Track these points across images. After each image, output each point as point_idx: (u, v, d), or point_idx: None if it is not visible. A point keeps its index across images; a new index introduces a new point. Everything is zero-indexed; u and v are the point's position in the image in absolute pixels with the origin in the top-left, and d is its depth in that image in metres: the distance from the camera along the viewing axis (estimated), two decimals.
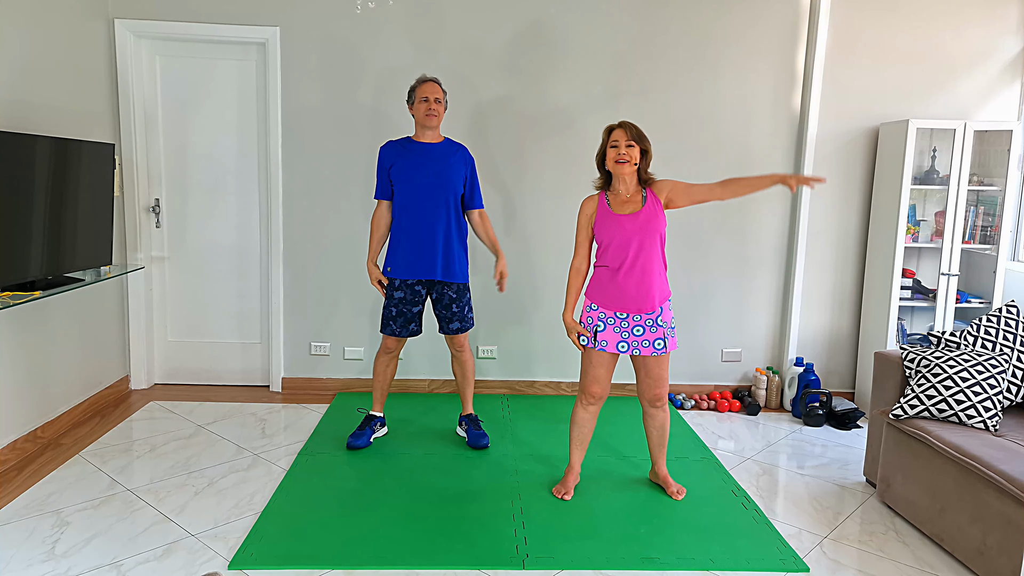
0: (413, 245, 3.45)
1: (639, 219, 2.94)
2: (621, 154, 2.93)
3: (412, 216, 3.43)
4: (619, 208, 2.99)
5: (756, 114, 4.35)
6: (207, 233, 4.38)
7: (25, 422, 3.44)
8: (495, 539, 2.78)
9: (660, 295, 3.00)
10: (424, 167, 3.42)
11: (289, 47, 4.18)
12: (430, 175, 3.42)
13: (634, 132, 2.96)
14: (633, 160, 2.94)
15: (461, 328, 3.59)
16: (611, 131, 3.00)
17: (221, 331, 4.47)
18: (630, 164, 2.94)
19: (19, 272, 3.05)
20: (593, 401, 3.12)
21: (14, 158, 2.97)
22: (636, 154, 2.95)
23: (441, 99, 3.45)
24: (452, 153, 3.48)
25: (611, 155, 2.96)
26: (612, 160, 2.96)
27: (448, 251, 3.47)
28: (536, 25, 4.23)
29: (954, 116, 4.37)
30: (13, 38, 3.28)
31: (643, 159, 2.99)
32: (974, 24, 4.32)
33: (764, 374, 4.45)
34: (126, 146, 4.18)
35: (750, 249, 4.47)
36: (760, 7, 4.28)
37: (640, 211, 2.95)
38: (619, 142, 2.95)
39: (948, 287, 4.14)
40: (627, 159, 2.93)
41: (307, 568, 2.56)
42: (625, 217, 2.95)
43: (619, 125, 2.99)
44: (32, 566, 2.52)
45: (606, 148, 2.99)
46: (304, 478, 3.25)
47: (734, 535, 2.87)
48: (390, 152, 3.48)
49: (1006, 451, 2.68)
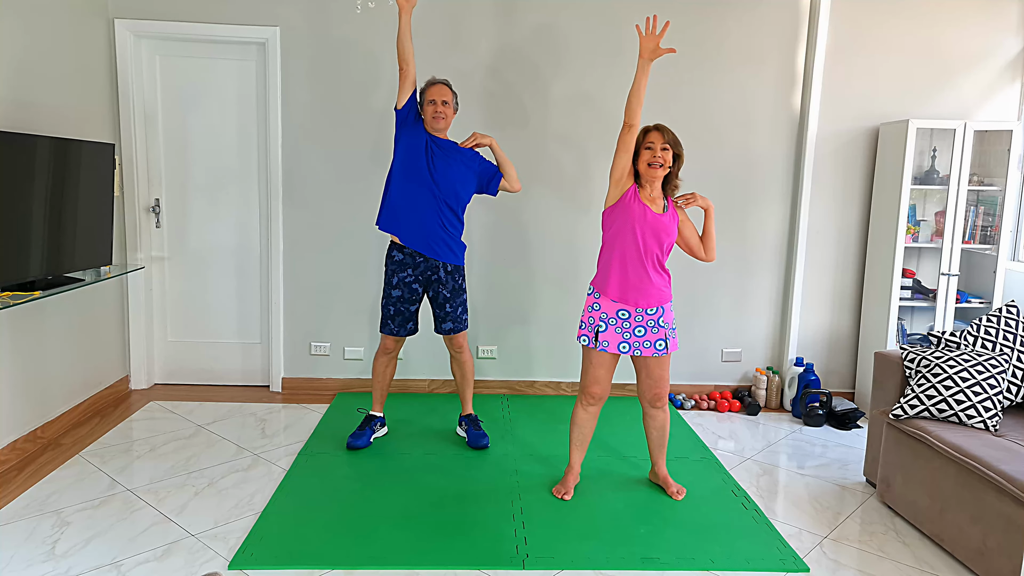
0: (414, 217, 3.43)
1: (662, 219, 2.95)
2: (656, 157, 2.92)
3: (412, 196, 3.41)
4: (647, 202, 2.98)
5: (756, 114, 4.35)
6: (207, 233, 4.38)
7: (25, 422, 3.44)
8: (495, 539, 2.78)
9: (663, 294, 3.00)
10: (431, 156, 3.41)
11: (289, 47, 4.18)
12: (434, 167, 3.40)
13: (670, 136, 2.94)
14: (667, 164, 2.94)
15: (454, 329, 3.59)
16: (647, 132, 2.97)
17: (221, 331, 4.47)
18: (663, 167, 2.93)
19: (19, 272, 3.05)
20: (593, 401, 3.12)
21: (14, 158, 2.97)
22: (670, 158, 2.94)
23: (449, 101, 3.44)
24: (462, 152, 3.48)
25: (645, 156, 2.94)
26: (645, 162, 2.93)
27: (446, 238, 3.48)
28: (538, 27, 4.23)
29: (954, 116, 4.38)
30: (13, 38, 3.28)
31: (675, 163, 2.98)
32: (974, 24, 4.32)
33: (764, 374, 4.45)
34: (126, 146, 4.18)
35: (750, 249, 4.47)
36: (760, 7, 4.28)
37: (664, 214, 2.97)
38: (654, 144, 2.93)
39: (948, 287, 4.14)
40: (661, 162, 2.92)
41: (307, 568, 2.56)
42: (650, 211, 2.95)
43: (655, 128, 2.96)
44: (32, 566, 2.52)
45: (640, 148, 2.96)
46: (304, 478, 3.25)
47: (734, 535, 2.87)
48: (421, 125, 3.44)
49: (1006, 451, 2.68)
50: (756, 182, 4.41)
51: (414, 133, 3.42)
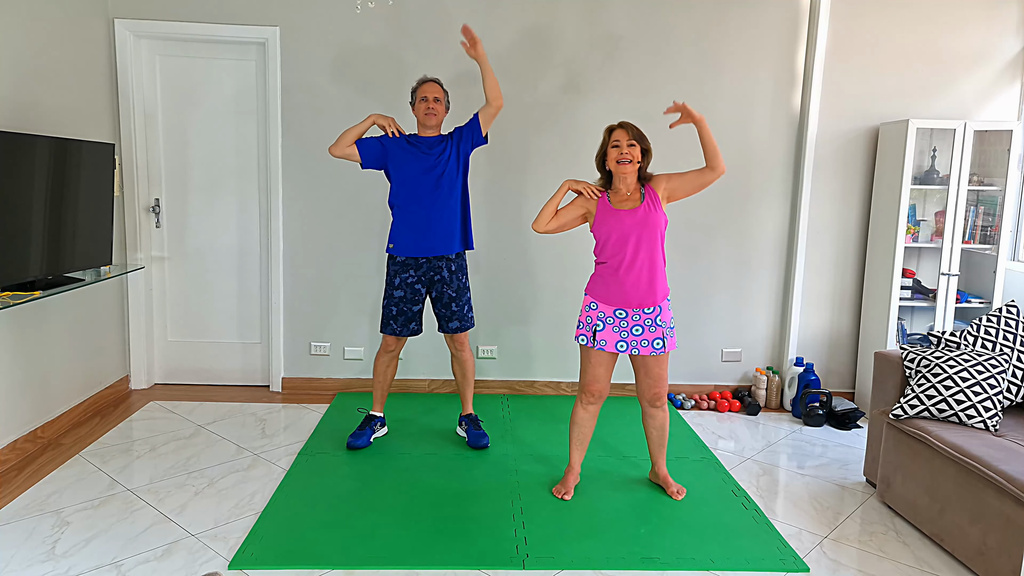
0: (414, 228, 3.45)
1: (638, 214, 2.96)
2: (623, 154, 2.96)
3: (412, 200, 3.43)
4: (619, 204, 3.01)
5: (756, 114, 4.35)
6: (207, 233, 4.38)
7: (25, 422, 3.44)
8: (495, 539, 2.78)
9: (660, 292, 3.01)
10: (420, 158, 3.43)
11: (289, 47, 4.18)
12: (427, 167, 3.42)
13: (635, 132, 3.00)
14: (635, 159, 2.97)
15: (461, 328, 3.59)
16: (612, 131, 3.03)
17: (221, 331, 4.47)
18: (632, 163, 2.97)
19: (19, 272, 3.05)
20: (592, 400, 3.12)
21: (14, 158, 2.97)
22: (637, 153, 2.98)
23: (441, 98, 3.45)
24: (446, 140, 3.49)
25: (613, 155, 2.99)
26: (614, 160, 2.98)
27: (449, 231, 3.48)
28: (536, 26, 4.23)
29: (954, 116, 4.37)
30: (13, 38, 3.28)
31: (644, 158, 3.02)
32: (974, 24, 4.32)
33: (764, 374, 4.45)
34: (126, 146, 4.18)
35: (750, 249, 4.47)
36: (760, 7, 4.28)
37: (639, 207, 2.98)
38: (620, 142, 2.98)
39: (948, 287, 4.14)
40: (629, 158, 2.96)
41: (307, 568, 2.56)
42: (624, 212, 2.97)
43: (619, 125, 3.02)
44: (32, 566, 2.52)
45: (607, 148, 3.02)
46: (304, 478, 3.25)
47: (734, 535, 2.87)
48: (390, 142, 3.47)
49: (1006, 451, 2.68)
50: (756, 182, 4.41)
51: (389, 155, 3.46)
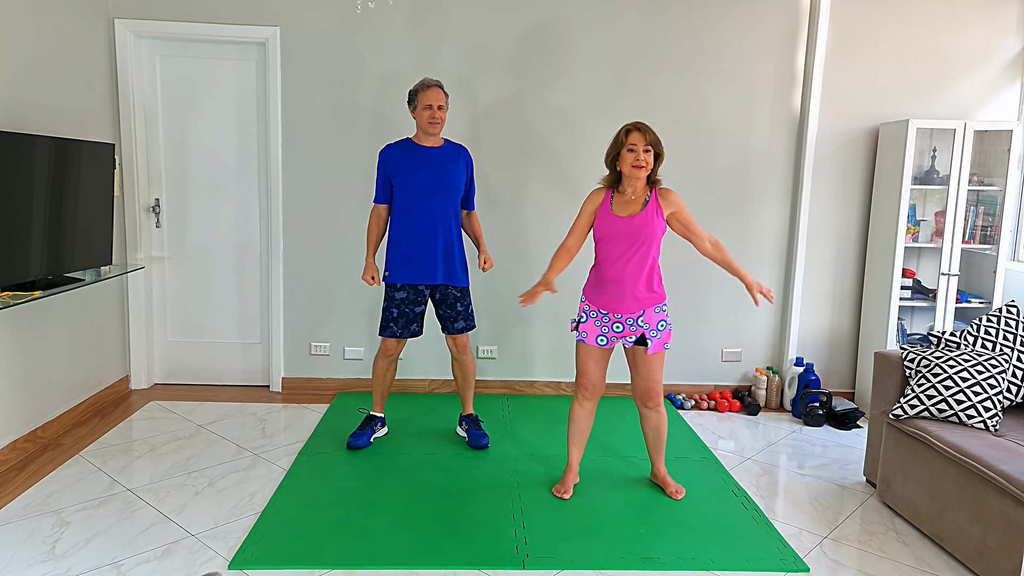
0: (413, 250, 3.44)
1: (633, 223, 2.93)
2: (639, 160, 2.89)
3: (413, 220, 3.43)
4: (619, 209, 2.98)
5: (756, 114, 4.35)
6: (207, 233, 4.38)
7: (25, 422, 3.44)
8: (495, 539, 2.78)
9: (646, 299, 2.98)
10: (425, 171, 3.41)
11: (289, 47, 4.18)
12: (431, 179, 3.41)
13: (651, 136, 2.91)
14: (649, 166, 2.92)
15: (466, 327, 3.59)
16: (628, 133, 2.92)
17: (221, 331, 4.47)
18: (646, 169, 2.92)
19: (19, 272, 3.05)
20: (586, 395, 3.12)
21: (14, 158, 2.97)
22: (652, 159, 2.92)
23: (444, 105, 3.42)
24: (454, 156, 3.48)
25: (628, 159, 2.91)
26: (628, 164, 2.91)
27: (449, 254, 3.47)
28: (537, 26, 4.23)
29: (954, 116, 4.37)
30: (13, 38, 3.28)
31: (656, 162, 2.97)
32: (974, 24, 4.32)
33: (764, 374, 4.45)
34: (126, 146, 4.18)
35: (750, 249, 4.47)
36: (760, 8, 4.28)
37: (637, 215, 2.94)
38: (637, 147, 2.89)
39: (948, 287, 4.14)
40: (643, 165, 2.90)
41: (307, 568, 2.56)
42: (620, 219, 2.94)
43: (636, 128, 2.91)
44: (32, 566, 2.52)
45: (621, 150, 2.94)
46: (304, 478, 3.25)
47: (734, 535, 2.87)
48: (391, 157, 3.45)
49: (1006, 451, 2.68)
50: (756, 182, 4.41)
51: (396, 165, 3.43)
